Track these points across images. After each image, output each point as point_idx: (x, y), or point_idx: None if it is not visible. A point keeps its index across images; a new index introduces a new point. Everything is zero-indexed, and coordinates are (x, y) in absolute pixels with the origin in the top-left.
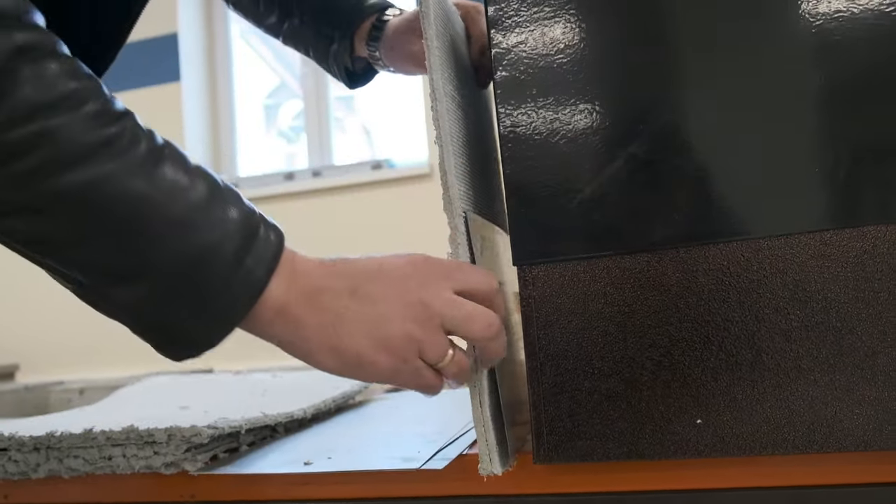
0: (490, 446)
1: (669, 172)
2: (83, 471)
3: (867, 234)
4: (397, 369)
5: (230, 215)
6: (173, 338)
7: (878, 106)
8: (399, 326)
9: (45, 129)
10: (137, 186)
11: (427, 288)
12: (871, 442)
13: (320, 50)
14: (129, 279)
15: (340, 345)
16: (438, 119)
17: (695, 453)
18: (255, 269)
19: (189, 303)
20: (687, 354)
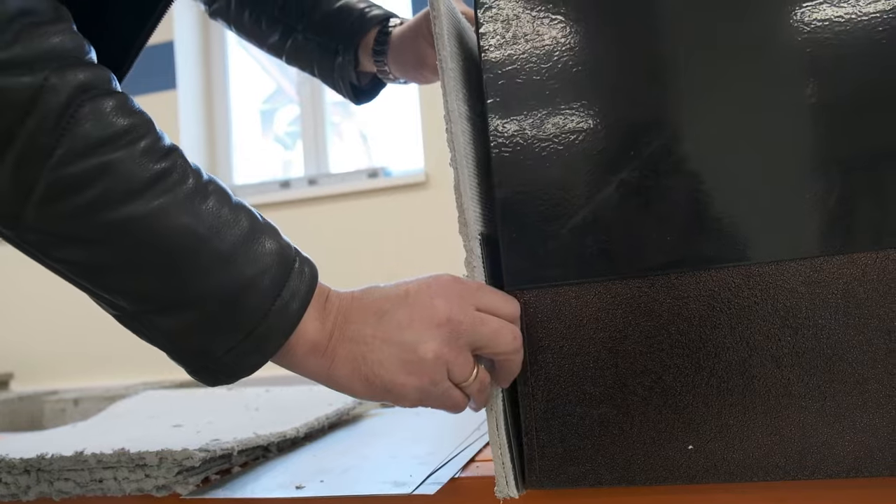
0: (506, 469)
1: (661, 199)
2: (74, 493)
3: (857, 260)
4: (427, 391)
5: (268, 248)
6: (210, 366)
7: (868, 132)
8: (428, 349)
9: (103, 164)
10: (185, 221)
11: (453, 307)
12: (862, 468)
13: (325, 65)
14: (173, 309)
15: (371, 374)
16: (453, 141)
17: (686, 479)
18: (291, 302)
19: (227, 334)
20: (678, 380)
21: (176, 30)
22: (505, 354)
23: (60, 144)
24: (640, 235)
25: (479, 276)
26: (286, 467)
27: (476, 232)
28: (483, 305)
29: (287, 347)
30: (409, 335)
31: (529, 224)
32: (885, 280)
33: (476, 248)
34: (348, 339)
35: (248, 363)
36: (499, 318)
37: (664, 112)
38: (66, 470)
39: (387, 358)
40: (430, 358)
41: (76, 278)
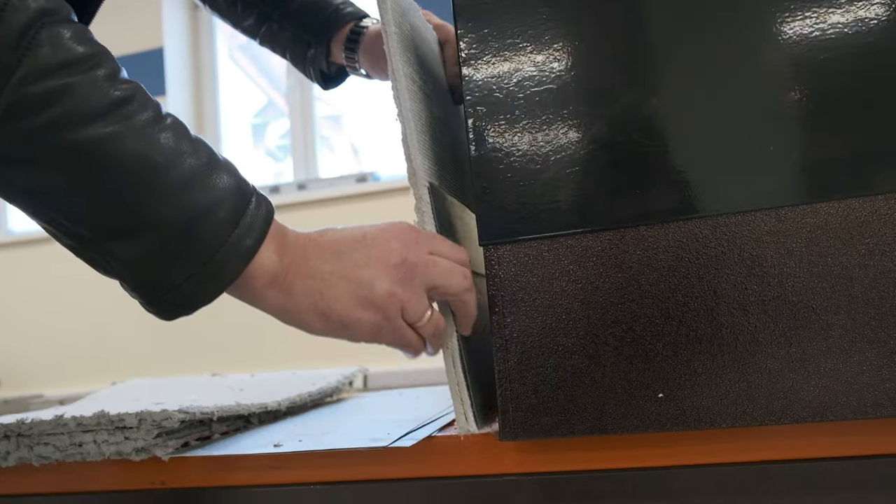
0: (465, 406)
1: (630, 153)
2: (53, 458)
3: (820, 210)
4: (380, 326)
5: (225, 181)
6: (168, 295)
7: (831, 84)
8: (382, 286)
9: (64, 85)
10: (142, 148)
11: (409, 249)
12: (827, 412)
13: (297, 53)
14: (129, 235)
15: (327, 308)
16: (398, 97)
17: (657, 427)
18: (248, 233)
19: (183, 261)
20: (648, 330)
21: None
22: (457, 295)
23: (22, 64)
24: (611, 189)
25: (427, 220)
26: (266, 433)
27: (424, 181)
28: (435, 250)
29: (245, 278)
30: (366, 273)
31: (502, 179)
32: (847, 228)
33: (425, 195)
34: (306, 275)
35: (206, 291)
36: (450, 261)
37: (633, 69)
38: (46, 434)
39: (343, 294)
40: (384, 295)
41: (35, 205)
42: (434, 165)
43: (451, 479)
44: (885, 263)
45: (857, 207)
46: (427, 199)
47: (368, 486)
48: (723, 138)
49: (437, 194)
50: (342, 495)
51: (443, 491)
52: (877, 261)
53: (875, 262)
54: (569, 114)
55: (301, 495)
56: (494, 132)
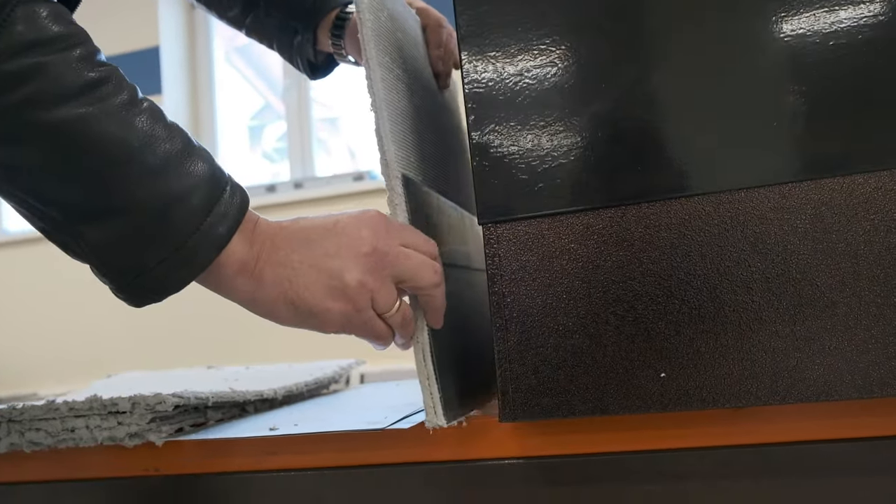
0: (434, 399)
1: (631, 129)
2: (45, 444)
3: (825, 185)
4: (349, 317)
5: (200, 168)
6: (136, 279)
7: (835, 59)
8: (352, 276)
9: (38, 64)
10: (116, 131)
11: (379, 239)
12: (832, 391)
13: (284, 42)
14: (101, 218)
15: (296, 297)
16: (372, 87)
17: (659, 407)
18: (220, 223)
19: (156, 245)
20: (650, 309)
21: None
22: (426, 289)
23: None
24: (612, 166)
25: (400, 212)
26: (262, 420)
27: (398, 172)
28: (406, 242)
29: (216, 265)
30: (336, 262)
31: (502, 158)
32: (852, 204)
33: (398, 186)
34: (276, 264)
35: (176, 277)
36: (420, 254)
37: (634, 45)
38: (38, 420)
39: (313, 283)
40: (354, 285)
41: (7, 184)
42: (411, 155)
43: (449, 464)
44: (891, 239)
45: (861, 183)
46: (400, 191)
47: (366, 472)
48: (725, 114)
49: (412, 186)
50: (339, 481)
51: (441, 476)
52: (882, 237)
53: (880, 239)
54: (569, 91)
55: (297, 481)
56: (494, 111)
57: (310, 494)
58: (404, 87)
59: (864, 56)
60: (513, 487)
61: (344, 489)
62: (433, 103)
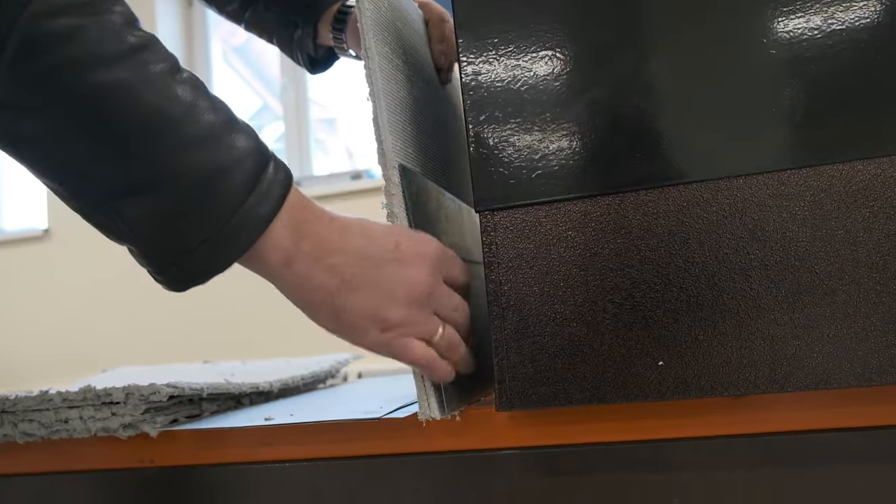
0: (428, 392)
1: (629, 116)
2: (39, 435)
3: (824, 172)
4: (388, 344)
5: (243, 144)
6: (178, 259)
7: (834, 46)
8: (398, 313)
9: (79, 25)
10: (156, 98)
11: (435, 283)
12: (831, 380)
13: (284, 36)
14: (139, 193)
15: (340, 313)
16: (370, 76)
17: (657, 396)
18: (262, 203)
19: (197, 224)
20: (648, 296)
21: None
22: (459, 325)
23: None
24: (610, 153)
25: (397, 203)
26: (257, 411)
27: (394, 162)
28: (450, 276)
29: (260, 251)
30: (388, 296)
31: (499, 145)
32: (851, 191)
33: (395, 176)
34: (326, 269)
35: (221, 258)
36: (458, 296)
37: (632, 32)
38: (31, 410)
39: (361, 306)
40: (396, 318)
41: (41, 156)
42: (409, 147)
43: (446, 454)
44: (890, 226)
45: (861, 170)
46: (396, 181)
47: (362, 462)
48: (724, 101)
49: (410, 175)
50: (335, 472)
51: (438, 466)
52: (881, 224)
53: (880, 226)
54: (567, 77)
55: (293, 472)
56: (491, 98)
57: (305, 485)
58: (404, 78)
59: (863, 44)
60: (509, 478)
61: (340, 480)
62: (434, 96)
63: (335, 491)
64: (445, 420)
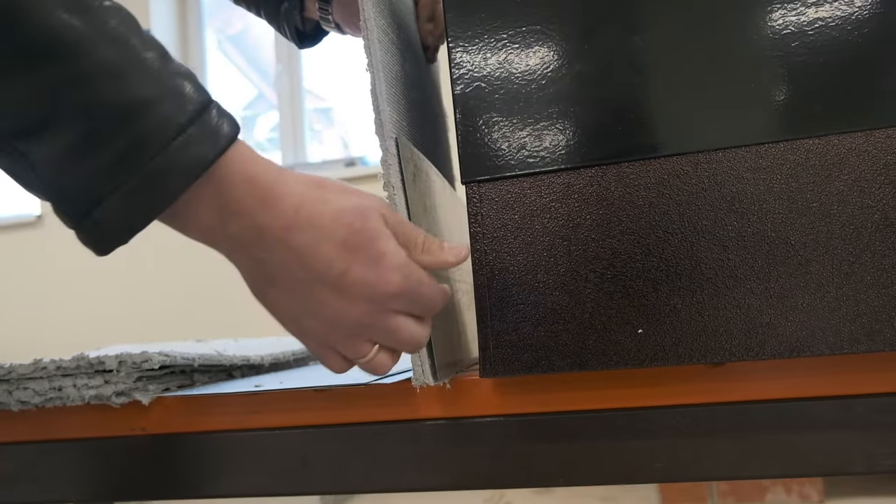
0: (422, 358)
1: (613, 90)
2: (33, 402)
3: (800, 146)
4: (307, 344)
5: (177, 81)
6: (93, 211)
7: (812, 23)
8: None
9: None
10: (66, 17)
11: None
12: (804, 348)
13: (270, 8)
14: (44, 129)
15: (261, 298)
16: (370, 47)
17: (636, 363)
18: (200, 142)
19: (111, 164)
20: (629, 266)
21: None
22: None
23: None
24: (593, 126)
25: (393, 173)
26: (248, 381)
27: (391, 133)
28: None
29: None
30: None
31: (485, 117)
32: (826, 165)
33: (392, 146)
34: (253, 259)
35: (137, 208)
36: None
37: (618, 7)
38: (25, 378)
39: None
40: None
41: None
42: (402, 120)
43: (433, 421)
44: (864, 199)
45: (836, 144)
46: (394, 152)
47: (350, 429)
48: (704, 76)
49: (406, 148)
50: (324, 439)
51: (425, 433)
52: (855, 196)
53: (853, 199)
54: (553, 52)
55: (282, 439)
56: (478, 70)
57: (294, 452)
58: (398, 53)
59: (842, 24)
60: (495, 444)
61: (328, 447)
62: (420, 75)
63: (323, 457)
64: (432, 388)
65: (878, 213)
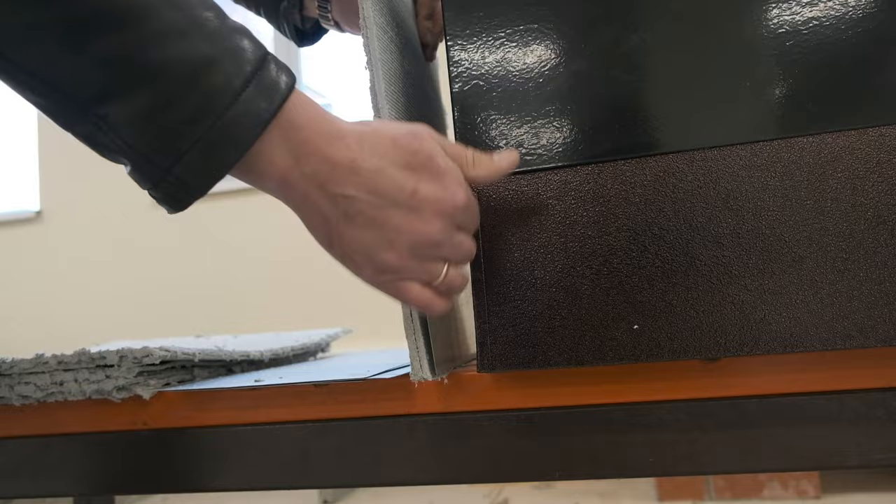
0: (420, 353)
1: (609, 88)
2: (34, 397)
3: (795, 144)
4: (383, 283)
5: (236, 37)
6: (169, 167)
7: (806, 22)
8: (394, 258)
9: None
10: None
11: (437, 232)
12: (797, 343)
13: (270, 7)
14: (123, 93)
15: (336, 242)
16: (369, 45)
17: (632, 358)
18: (261, 96)
19: (183, 122)
20: (624, 263)
21: None
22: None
23: None
24: (590, 124)
25: None
26: (248, 377)
27: None
28: (465, 227)
29: (253, 166)
30: (388, 242)
31: (483, 115)
32: (821, 162)
33: None
34: (327, 197)
35: (216, 159)
36: (469, 244)
37: (615, 6)
38: (27, 373)
39: (357, 241)
40: (393, 264)
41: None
42: (401, 118)
43: (432, 415)
44: (857, 197)
45: (830, 142)
46: None
47: (349, 424)
48: (700, 75)
49: None
50: (323, 433)
51: (424, 427)
52: (849, 194)
53: (847, 196)
54: (550, 50)
55: (282, 433)
56: (476, 68)
57: (295, 446)
58: (396, 51)
59: (836, 23)
60: (493, 439)
61: (327, 441)
62: (419, 72)
63: (323, 451)
64: (431, 383)
65: (871, 210)
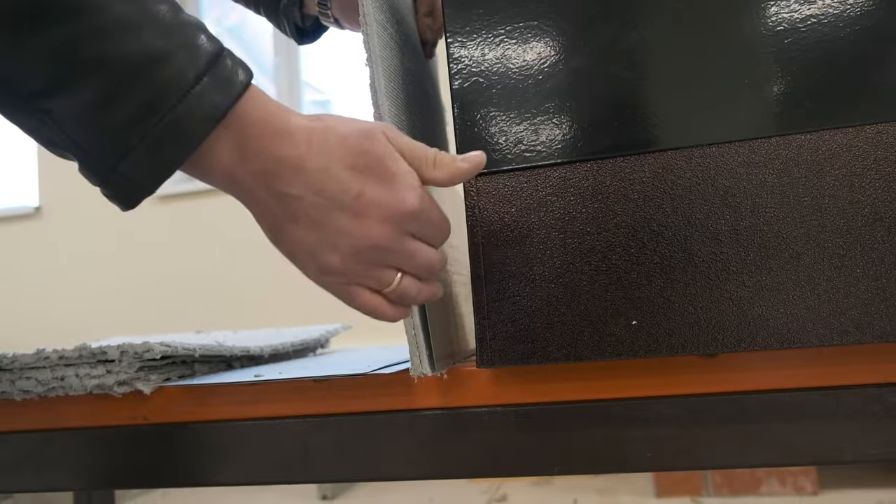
0: (420, 349)
1: (609, 85)
2: (36, 392)
3: (793, 141)
4: (329, 285)
5: (190, 32)
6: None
7: (805, 21)
8: (336, 261)
9: None
10: None
11: (381, 236)
12: (795, 339)
13: (270, 5)
14: (69, 86)
15: (281, 239)
16: (369, 42)
17: (630, 354)
18: (215, 91)
19: (135, 116)
20: (623, 259)
21: None
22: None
23: None
24: (589, 121)
25: None
26: (248, 372)
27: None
28: (423, 236)
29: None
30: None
31: (483, 111)
32: (818, 159)
33: None
34: (273, 195)
35: (165, 156)
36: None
37: (614, 3)
38: (28, 368)
39: (301, 240)
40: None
41: None
42: (401, 114)
43: (431, 411)
44: (854, 194)
45: (828, 139)
46: None
47: (349, 419)
48: (698, 72)
49: None
50: (323, 428)
51: (424, 422)
52: (846, 191)
53: (844, 193)
54: (549, 47)
55: (282, 428)
56: (476, 65)
57: (295, 442)
58: (396, 48)
59: (834, 21)
60: (492, 434)
61: (328, 436)
62: (419, 69)
63: (323, 446)
64: (431, 378)
65: (868, 207)
